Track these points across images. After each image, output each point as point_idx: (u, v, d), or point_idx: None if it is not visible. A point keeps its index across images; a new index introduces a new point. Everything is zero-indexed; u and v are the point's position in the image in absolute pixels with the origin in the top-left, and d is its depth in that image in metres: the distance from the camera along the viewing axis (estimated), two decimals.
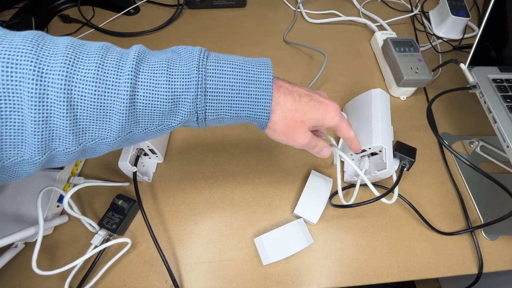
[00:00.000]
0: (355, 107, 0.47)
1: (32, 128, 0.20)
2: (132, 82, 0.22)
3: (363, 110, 0.44)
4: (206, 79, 0.25)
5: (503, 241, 0.42)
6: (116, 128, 0.23)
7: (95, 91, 0.21)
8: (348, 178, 0.45)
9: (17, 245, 0.38)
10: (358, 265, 0.40)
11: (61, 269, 0.34)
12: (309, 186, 0.42)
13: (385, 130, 0.40)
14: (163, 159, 0.46)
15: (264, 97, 0.26)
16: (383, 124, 0.41)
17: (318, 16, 0.69)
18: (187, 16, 0.67)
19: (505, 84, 0.45)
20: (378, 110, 0.42)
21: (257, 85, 0.26)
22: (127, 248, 0.38)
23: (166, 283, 0.38)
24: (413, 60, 0.54)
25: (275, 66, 0.59)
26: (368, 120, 0.42)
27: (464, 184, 0.47)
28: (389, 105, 0.44)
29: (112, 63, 0.22)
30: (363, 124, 0.42)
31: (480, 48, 0.46)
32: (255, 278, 0.39)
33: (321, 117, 0.29)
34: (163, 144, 0.47)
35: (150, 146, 0.41)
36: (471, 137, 0.50)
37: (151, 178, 0.45)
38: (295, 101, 0.28)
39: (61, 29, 0.63)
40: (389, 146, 0.39)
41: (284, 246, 0.39)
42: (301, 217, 0.41)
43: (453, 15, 0.62)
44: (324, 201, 0.42)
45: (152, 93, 0.23)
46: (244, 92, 0.26)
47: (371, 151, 0.41)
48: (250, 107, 0.26)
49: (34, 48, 0.20)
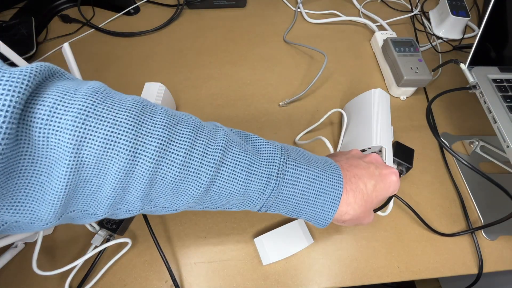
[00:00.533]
0: (355, 107, 0.47)
1: (108, 194, 0.21)
2: (213, 174, 0.22)
3: (363, 110, 0.44)
4: (282, 185, 0.25)
5: (503, 241, 0.42)
6: (180, 205, 0.24)
7: (178, 176, 0.21)
8: None
9: (17, 245, 0.38)
10: (358, 265, 0.40)
11: (61, 269, 0.34)
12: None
13: (384, 130, 0.40)
14: None
15: (330, 209, 0.26)
16: (382, 124, 0.41)
17: (318, 16, 0.69)
18: (187, 16, 0.67)
19: (505, 84, 0.45)
20: (378, 110, 0.42)
21: (326, 198, 0.26)
22: (127, 248, 0.38)
23: (166, 283, 0.38)
24: (413, 60, 0.54)
25: (275, 66, 0.59)
26: (368, 120, 0.42)
27: (464, 184, 0.47)
28: (389, 105, 0.44)
29: (199, 149, 0.22)
30: (363, 124, 0.42)
31: (480, 48, 0.46)
32: (255, 278, 0.39)
33: (388, 194, 0.29)
34: None
35: None
36: (471, 137, 0.50)
37: None
38: (363, 195, 0.27)
39: (61, 29, 0.63)
40: (389, 146, 0.39)
41: (284, 246, 0.39)
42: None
43: (453, 15, 0.62)
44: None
45: (228, 187, 0.23)
46: (312, 203, 0.26)
47: (371, 151, 0.41)
48: (313, 214, 0.27)
49: (134, 125, 0.20)
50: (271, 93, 0.55)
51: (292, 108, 0.53)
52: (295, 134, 0.50)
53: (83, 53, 0.59)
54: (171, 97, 0.47)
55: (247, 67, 0.59)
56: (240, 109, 0.53)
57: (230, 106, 0.53)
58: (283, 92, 0.55)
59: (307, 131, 0.49)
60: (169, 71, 0.57)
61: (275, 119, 0.52)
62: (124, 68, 0.57)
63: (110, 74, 0.56)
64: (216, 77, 0.57)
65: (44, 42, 0.61)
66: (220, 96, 0.54)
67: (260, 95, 0.55)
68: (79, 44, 0.61)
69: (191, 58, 0.60)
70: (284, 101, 0.53)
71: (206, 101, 0.54)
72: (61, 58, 0.40)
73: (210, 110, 0.52)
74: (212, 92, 0.55)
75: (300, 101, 0.54)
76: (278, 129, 0.51)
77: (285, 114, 0.53)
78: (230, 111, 0.52)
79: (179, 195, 0.23)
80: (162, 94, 0.43)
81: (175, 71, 0.58)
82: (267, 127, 0.51)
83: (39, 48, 0.59)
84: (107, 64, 0.58)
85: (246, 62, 0.60)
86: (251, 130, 0.50)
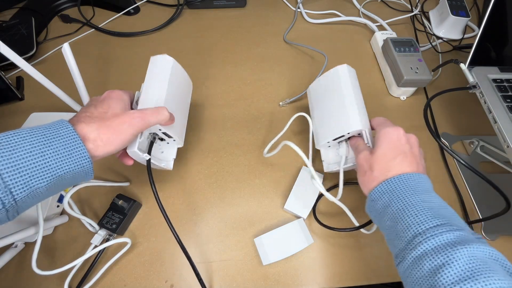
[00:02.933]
0: (322, 89, 0.43)
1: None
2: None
3: (332, 92, 0.40)
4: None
5: (503, 241, 0.42)
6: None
7: None
8: (328, 168, 0.42)
9: (17, 245, 0.38)
10: (358, 265, 0.40)
11: (60, 269, 0.34)
12: (299, 182, 0.42)
13: (361, 111, 0.37)
14: (182, 143, 0.41)
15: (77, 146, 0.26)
16: (358, 105, 0.37)
17: (318, 16, 0.69)
18: (187, 16, 0.67)
19: (505, 84, 0.45)
20: (350, 90, 0.38)
21: (60, 139, 0.25)
22: (127, 248, 0.38)
23: (166, 283, 0.38)
24: (413, 60, 0.54)
25: (275, 66, 0.59)
26: (341, 102, 0.38)
27: (464, 184, 0.47)
28: (358, 82, 0.41)
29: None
30: (336, 108, 0.39)
31: (480, 48, 0.46)
32: (255, 278, 0.39)
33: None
34: (181, 125, 0.40)
35: (162, 129, 0.36)
36: (471, 137, 0.50)
37: (171, 165, 0.40)
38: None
39: (61, 29, 0.63)
40: (368, 127, 0.36)
41: (284, 246, 0.39)
42: (291, 212, 0.41)
43: (453, 15, 0.62)
44: (315, 197, 0.42)
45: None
46: (46, 150, 0.25)
47: (350, 136, 0.38)
48: (59, 160, 0.25)
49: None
50: (271, 93, 0.55)
51: (292, 108, 0.53)
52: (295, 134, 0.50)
53: (83, 53, 0.59)
54: (182, 71, 0.42)
55: (247, 67, 0.59)
56: (240, 109, 0.53)
57: (230, 106, 0.53)
58: (283, 92, 0.55)
59: (274, 141, 0.45)
60: None
61: (275, 119, 0.52)
62: (124, 68, 0.57)
63: (110, 74, 0.56)
64: (216, 77, 0.57)
65: (44, 42, 0.61)
66: (220, 96, 0.54)
67: (260, 95, 0.55)
68: (79, 44, 0.61)
69: (191, 58, 0.60)
70: (284, 101, 0.53)
71: (206, 101, 0.54)
72: (61, 58, 0.40)
73: (210, 110, 0.52)
74: (212, 92, 0.55)
75: (300, 101, 0.54)
76: (278, 129, 0.50)
77: (285, 114, 0.53)
78: (230, 111, 0.52)
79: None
80: (170, 67, 0.38)
81: None
82: (267, 127, 0.51)
83: (39, 48, 0.59)
84: (107, 64, 0.58)
85: (246, 62, 0.60)
86: (251, 130, 0.50)
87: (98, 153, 0.28)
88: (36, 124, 0.26)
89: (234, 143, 0.49)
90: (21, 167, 0.23)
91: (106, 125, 0.29)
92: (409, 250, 0.25)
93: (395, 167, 0.30)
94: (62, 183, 0.26)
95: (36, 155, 0.24)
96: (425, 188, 0.29)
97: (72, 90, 0.44)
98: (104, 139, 0.28)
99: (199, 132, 0.50)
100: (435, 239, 0.24)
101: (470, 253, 0.23)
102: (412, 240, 0.26)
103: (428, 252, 0.24)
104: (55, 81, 0.43)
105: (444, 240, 0.24)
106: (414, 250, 0.25)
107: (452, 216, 0.27)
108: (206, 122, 0.51)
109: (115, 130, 0.29)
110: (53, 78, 0.43)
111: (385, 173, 0.31)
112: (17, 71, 0.56)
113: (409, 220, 0.27)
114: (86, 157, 0.27)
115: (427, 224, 0.26)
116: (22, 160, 0.23)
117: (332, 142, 0.40)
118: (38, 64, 0.58)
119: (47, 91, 0.42)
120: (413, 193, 0.28)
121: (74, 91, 0.44)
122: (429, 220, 0.26)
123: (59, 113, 0.47)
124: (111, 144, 0.29)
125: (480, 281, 0.21)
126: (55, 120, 0.27)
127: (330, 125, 0.39)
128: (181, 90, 0.42)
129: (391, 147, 0.32)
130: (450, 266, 0.22)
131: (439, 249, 0.24)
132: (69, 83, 0.43)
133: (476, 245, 0.24)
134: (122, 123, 0.30)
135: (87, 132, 0.28)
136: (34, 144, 0.24)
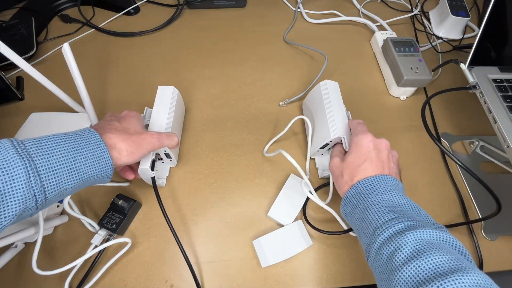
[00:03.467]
0: (310, 104, 0.48)
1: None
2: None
3: (317, 105, 0.45)
4: (33, 159, 0.24)
5: (503, 241, 0.42)
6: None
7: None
8: (322, 174, 0.46)
9: (17, 245, 0.38)
10: (358, 265, 0.40)
11: (61, 269, 0.34)
12: (285, 190, 0.43)
13: (340, 120, 0.41)
14: (176, 163, 0.46)
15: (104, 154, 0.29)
16: (336, 115, 0.41)
17: (318, 16, 0.69)
18: (187, 16, 0.67)
19: (505, 84, 0.45)
20: (329, 103, 0.43)
21: (90, 147, 0.28)
22: (127, 248, 0.38)
23: (166, 283, 0.38)
24: (413, 60, 0.54)
25: (275, 66, 0.59)
26: (322, 114, 0.42)
27: (464, 184, 0.47)
28: (339, 93, 0.45)
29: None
30: (320, 119, 0.43)
31: (480, 48, 0.46)
32: (255, 278, 0.39)
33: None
34: (177, 148, 0.46)
35: (167, 151, 0.40)
36: (471, 137, 0.50)
37: (165, 183, 0.45)
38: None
39: (61, 29, 0.63)
40: (347, 134, 0.40)
41: (283, 248, 0.39)
42: (275, 219, 0.41)
43: (453, 15, 0.62)
44: (300, 206, 0.42)
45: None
46: (77, 156, 0.27)
47: (334, 143, 0.42)
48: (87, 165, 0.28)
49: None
50: (271, 93, 0.55)
51: (292, 108, 0.53)
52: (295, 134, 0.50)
53: (83, 53, 0.59)
54: (182, 100, 0.48)
55: (247, 67, 0.59)
56: (240, 109, 0.53)
57: (230, 106, 0.53)
58: (283, 92, 0.55)
59: (273, 141, 0.47)
60: (169, 71, 0.57)
61: (275, 119, 0.52)
62: (124, 68, 0.57)
63: (110, 74, 0.56)
64: (216, 77, 0.57)
65: (44, 42, 0.61)
66: (220, 96, 0.54)
67: (260, 95, 0.55)
68: (79, 44, 0.61)
69: (191, 58, 0.60)
70: (284, 101, 0.53)
71: (206, 101, 0.54)
72: (61, 58, 0.40)
73: (210, 110, 0.52)
74: (212, 92, 0.55)
75: (300, 101, 0.54)
76: (278, 129, 0.51)
77: (285, 114, 0.53)
78: (230, 111, 0.52)
79: None
80: (176, 97, 0.44)
81: (175, 71, 0.58)
82: (267, 127, 0.51)
83: (39, 48, 0.59)
84: (107, 64, 0.58)
85: (246, 62, 0.60)
86: (251, 130, 0.50)
87: (120, 162, 0.31)
88: (36, 124, 0.27)
89: (234, 143, 0.49)
90: (56, 169, 0.26)
91: (131, 139, 0.32)
92: (372, 243, 0.29)
93: (361, 172, 0.34)
94: (84, 184, 0.29)
95: (69, 160, 0.27)
96: (387, 188, 0.32)
97: (72, 90, 0.44)
98: (129, 150, 0.32)
99: (199, 132, 0.50)
100: (389, 230, 0.27)
101: (417, 237, 0.26)
102: (373, 234, 0.29)
103: (384, 241, 0.27)
104: (55, 81, 0.43)
105: (396, 229, 0.27)
106: (375, 243, 0.28)
107: (410, 210, 0.30)
108: (206, 122, 0.51)
109: (137, 145, 0.33)
110: (53, 78, 0.43)
111: (353, 178, 0.34)
112: (17, 71, 0.56)
113: (370, 217, 0.30)
114: (110, 164, 0.30)
115: (383, 218, 0.29)
116: (57, 163, 0.26)
117: (322, 150, 0.44)
118: (38, 64, 0.58)
119: (47, 91, 0.42)
120: (375, 194, 0.31)
121: (74, 91, 0.44)
122: (385, 215, 0.29)
123: (59, 113, 0.47)
124: (132, 155, 0.32)
125: (424, 258, 0.24)
126: (83, 128, 0.30)
127: (318, 135, 0.43)
128: (181, 117, 0.48)
129: (358, 155, 0.35)
130: (400, 250, 0.25)
131: (392, 237, 0.27)
132: (69, 83, 0.43)
133: (423, 230, 0.26)
134: (143, 140, 0.34)
135: (115, 142, 0.31)
136: (68, 149, 0.27)
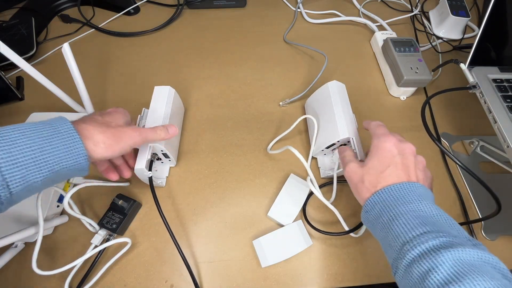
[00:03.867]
0: (315, 104, 0.48)
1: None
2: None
3: (324, 105, 0.44)
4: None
5: (503, 241, 0.42)
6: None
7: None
8: (324, 173, 0.46)
9: (17, 245, 0.38)
10: (358, 265, 0.40)
11: (61, 269, 0.34)
12: (285, 190, 0.43)
13: (348, 121, 0.41)
14: (175, 163, 0.46)
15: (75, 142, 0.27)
16: (345, 116, 0.41)
17: (318, 16, 0.69)
18: (187, 16, 0.67)
19: (505, 84, 0.45)
20: (338, 103, 0.42)
21: (60, 136, 0.26)
22: (127, 248, 0.38)
23: (166, 283, 0.38)
24: (413, 60, 0.54)
25: (275, 66, 0.59)
26: (331, 114, 0.42)
27: (464, 184, 0.47)
28: (347, 95, 0.45)
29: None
30: (327, 119, 0.43)
31: (480, 48, 0.46)
32: (255, 278, 0.39)
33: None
34: (175, 147, 0.46)
35: (164, 150, 0.40)
36: (471, 137, 0.50)
37: (165, 183, 0.44)
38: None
39: (61, 29, 0.63)
40: (355, 135, 0.40)
41: (283, 249, 0.39)
42: (274, 219, 0.41)
43: (453, 15, 0.62)
44: (300, 205, 0.42)
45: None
46: (45, 146, 0.25)
47: (340, 144, 0.42)
48: (58, 156, 0.26)
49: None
50: (271, 93, 0.55)
51: (293, 108, 0.53)
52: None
53: (83, 53, 0.59)
54: (179, 100, 0.48)
55: (247, 67, 0.59)
56: (240, 109, 0.53)
57: (230, 106, 0.53)
58: (283, 92, 0.55)
59: (277, 139, 0.48)
60: (169, 71, 0.57)
61: (275, 119, 0.52)
62: (124, 68, 0.57)
63: (110, 74, 0.56)
64: (216, 77, 0.57)
65: (44, 42, 0.61)
66: (220, 96, 0.54)
67: (260, 95, 0.55)
68: (79, 44, 0.61)
69: (191, 58, 0.60)
70: (284, 101, 0.53)
71: (206, 101, 0.54)
72: (61, 58, 0.40)
73: (210, 110, 0.52)
74: (212, 92, 0.55)
75: (301, 101, 0.54)
76: (278, 129, 0.51)
77: (285, 114, 0.53)
78: (230, 111, 0.52)
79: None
80: (172, 97, 0.44)
81: (175, 71, 0.57)
82: (267, 127, 0.51)
83: (39, 48, 0.59)
84: (107, 64, 0.58)
85: (246, 62, 0.60)
86: (251, 130, 0.50)
87: (96, 154, 0.30)
88: None
89: (234, 143, 0.49)
90: (20, 161, 0.24)
91: (110, 132, 0.31)
92: (400, 259, 0.26)
93: (384, 179, 0.31)
94: (57, 177, 0.27)
95: (35, 151, 0.25)
96: (415, 197, 0.29)
97: (72, 90, 0.44)
98: (106, 142, 0.30)
99: (199, 132, 0.50)
100: (421, 246, 0.25)
101: (456, 257, 0.23)
102: (401, 249, 0.26)
103: (416, 259, 0.24)
104: (55, 81, 0.43)
105: (430, 246, 0.24)
106: (404, 259, 0.25)
107: (443, 223, 0.27)
108: (206, 122, 0.51)
109: (117, 138, 0.31)
110: (53, 78, 0.43)
111: (376, 185, 0.31)
112: (17, 71, 0.56)
113: (398, 230, 0.27)
114: (84, 155, 0.28)
115: (414, 232, 0.26)
116: (21, 155, 0.24)
117: (326, 150, 0.43)
118: (38, 64, 0.58)
119: (47, 91, 0.42)
120: (402, 203, 0.29)
121: (74, 91, 0.44)
122: (416, 228, 0.26)
123: (59, 113, 0.47)
124: (110, 148, 0.31)
125: (465, 283, 0.21)
126: (55, 117, 0.29)
127: (323, 135, 0.43)
128: (179, 116, 0.48)
129: (381, 160, 0.32)
130: (436, 271, 0.23)
131: (425, 255, 0.24)
132: (69, 83, 0.43)
133: (462, 248, 0.23)
134: (124, 133, 0.32)
135: (92, 133, 0.30)
136: (34, 140, 0.25)
